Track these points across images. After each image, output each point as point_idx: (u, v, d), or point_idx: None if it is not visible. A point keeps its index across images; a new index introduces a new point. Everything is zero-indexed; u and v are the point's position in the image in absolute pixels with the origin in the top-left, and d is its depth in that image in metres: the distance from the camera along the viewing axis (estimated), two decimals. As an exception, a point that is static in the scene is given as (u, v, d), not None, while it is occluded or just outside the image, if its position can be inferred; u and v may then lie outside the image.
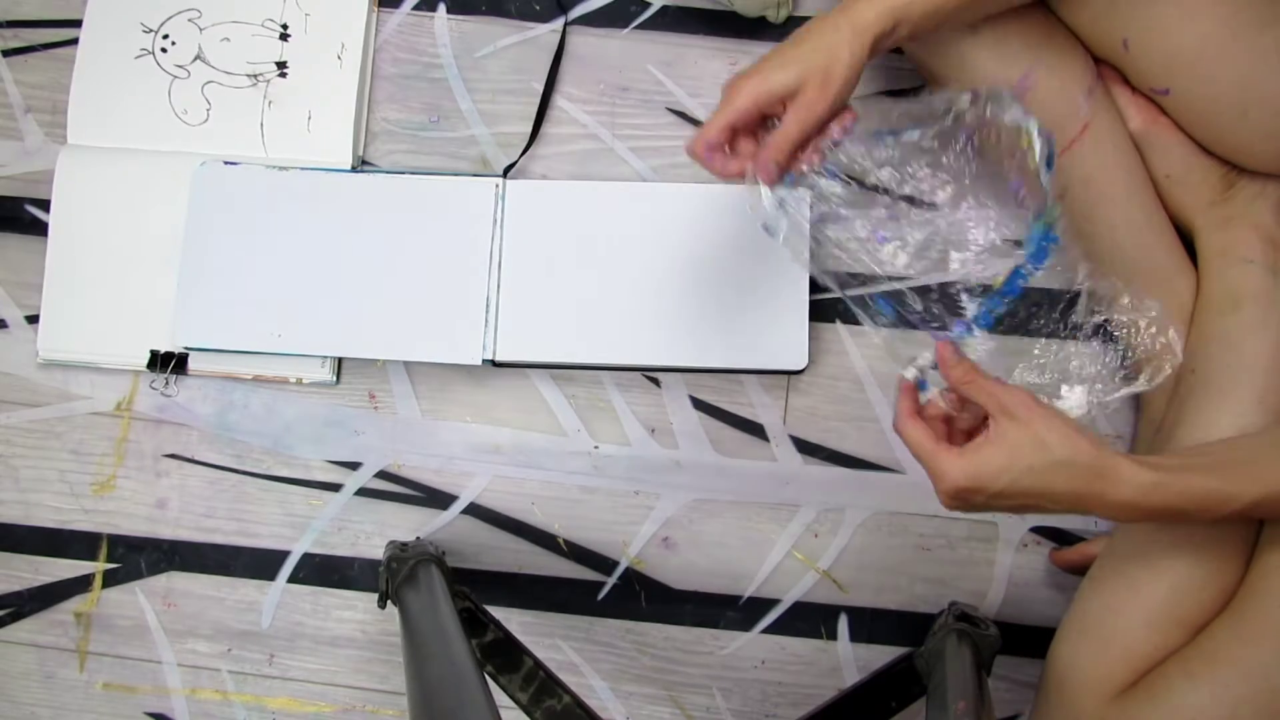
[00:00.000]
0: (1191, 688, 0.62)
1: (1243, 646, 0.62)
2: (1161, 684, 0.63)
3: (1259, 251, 0.71)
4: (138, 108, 0.81)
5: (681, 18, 0.83)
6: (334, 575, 0.80)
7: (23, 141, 0.83)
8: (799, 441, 0.80)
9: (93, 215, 0.80)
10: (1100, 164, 0.71)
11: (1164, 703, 0.62)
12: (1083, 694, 0.66)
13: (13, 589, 0.80)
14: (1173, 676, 0.63)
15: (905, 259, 0.69)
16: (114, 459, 0.81)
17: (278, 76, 0.82)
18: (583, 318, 0.77)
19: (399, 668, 0.79)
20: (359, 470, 0.80)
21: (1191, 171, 0.73)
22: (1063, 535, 0.79)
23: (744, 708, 0.79)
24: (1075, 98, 0.70)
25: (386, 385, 0.81)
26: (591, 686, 0.79)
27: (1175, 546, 0.67)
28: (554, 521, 0.80)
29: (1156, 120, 0.73)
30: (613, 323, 0.77)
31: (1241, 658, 0.62)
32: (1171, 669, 0.63)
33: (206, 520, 0.80)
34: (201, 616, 0.80)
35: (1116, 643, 0.66)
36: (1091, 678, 0.66)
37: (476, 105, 0.83)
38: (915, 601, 0.79)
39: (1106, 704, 0.65)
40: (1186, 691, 0.62)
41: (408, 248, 0.78)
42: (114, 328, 0.79)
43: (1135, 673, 0.65)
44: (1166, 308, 0.72)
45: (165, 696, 0.80)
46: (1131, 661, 0.65)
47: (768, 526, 0.80)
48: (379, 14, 0.84)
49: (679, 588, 0.80)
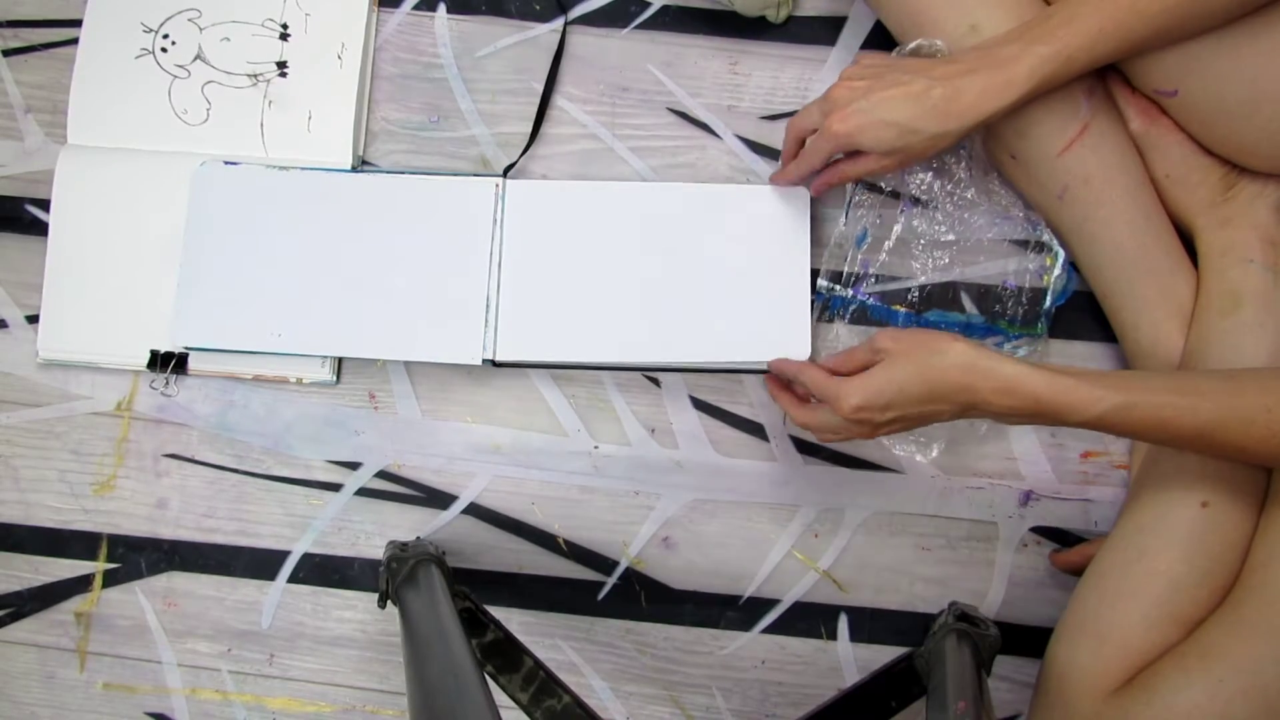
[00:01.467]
0: (1186, 684, 0.62)
1: (1238, 642, 0.62)
2: (1157, 680, 0.63)
3: (1259, 251, 0.71)
4: (138, 108, 0.81)
5: (681, 18, 0.83)
6: (334, 575, 0.80)
7: (23, 141, 0.83)
8: (799, 441, 0.80)
9: (93, 215, 0.80)
10: (1100, 164, 0.71)
11: (1159, 699, 0.62)
12: (1079, 691, 0.66)
13: (13, 589, 0.80)
14: (1168, 673, 0.63)
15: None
16: (114, 459, 0.81)
17: (278, 76, 0.82)
18: (583, 317, 0.77)
19: (399, 668, 0.79)
20: (359, 470, 0.81)
21: (1192, 172, 0.73)
22: (1063, 536, 0.79)
23: (744, 708, 0.79)
24: (1076, 98, 0.70)
25: (386, 385, 0.81)
26: (591, 686, 0.79)
27: (1172, 544, 0.67)
28: (554, 521, 0.80)
29: (1157, 121, 0.73)
30: (613, 322, 0.77)
31: (1236, 653, 0.62)
32: (1167, 665, 0.63)
33: (206, 520, 0.80)
34: (201, 616, 0.80)
35: (1113, 640, 0.66)
36: (1088, 675, 0.66)
37: (476, 105, 0.83)
38: (915, 601, 0.79)
39: (1102, 701, 0.65)
40: (1181, 687, 0.62)
41: (408, 248, 0.78)
42: (114, 328, 0.79)
43: (1132, 670, 0.65)
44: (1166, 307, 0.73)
45: (165, 696, 0.80)
46: (1128, 659, 0.65)
47: (768, 526, 0.80)
48: (379, 14, 0.84)
49: (679, 588, 0.80)
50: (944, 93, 0.64)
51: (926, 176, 0.79)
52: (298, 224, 0.78)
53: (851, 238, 0.79)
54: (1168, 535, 0.67)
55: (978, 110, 0.65)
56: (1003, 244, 0.79)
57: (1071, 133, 0.70)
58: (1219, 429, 0.59)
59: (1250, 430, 0.58)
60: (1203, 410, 0.59)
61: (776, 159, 0.80)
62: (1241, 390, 0.59)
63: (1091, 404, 0.59)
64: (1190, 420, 0.59)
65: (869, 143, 0.67)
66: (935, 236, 0.79)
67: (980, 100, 0.65)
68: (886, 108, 0.65)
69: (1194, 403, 0.59)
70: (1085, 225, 0.73)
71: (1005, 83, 0.64)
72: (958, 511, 0.79)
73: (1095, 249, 0.73)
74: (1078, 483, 0.79)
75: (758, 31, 0.82)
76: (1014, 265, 0.79)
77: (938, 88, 0.64)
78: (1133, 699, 0.63)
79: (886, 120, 0.65)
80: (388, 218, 0.78)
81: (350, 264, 0.78)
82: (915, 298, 0.79)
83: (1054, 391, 0.59)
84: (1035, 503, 0.79)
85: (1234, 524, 0.66)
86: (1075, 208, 0.72)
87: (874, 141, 0.66)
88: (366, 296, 0.77)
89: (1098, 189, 0.72)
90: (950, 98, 0.64)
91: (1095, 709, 0.65)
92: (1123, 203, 0.72)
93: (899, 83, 0.65)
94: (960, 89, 0.64)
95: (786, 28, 0.82)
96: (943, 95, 0.64)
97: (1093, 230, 0.73)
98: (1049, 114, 0.70)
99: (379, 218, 0.78)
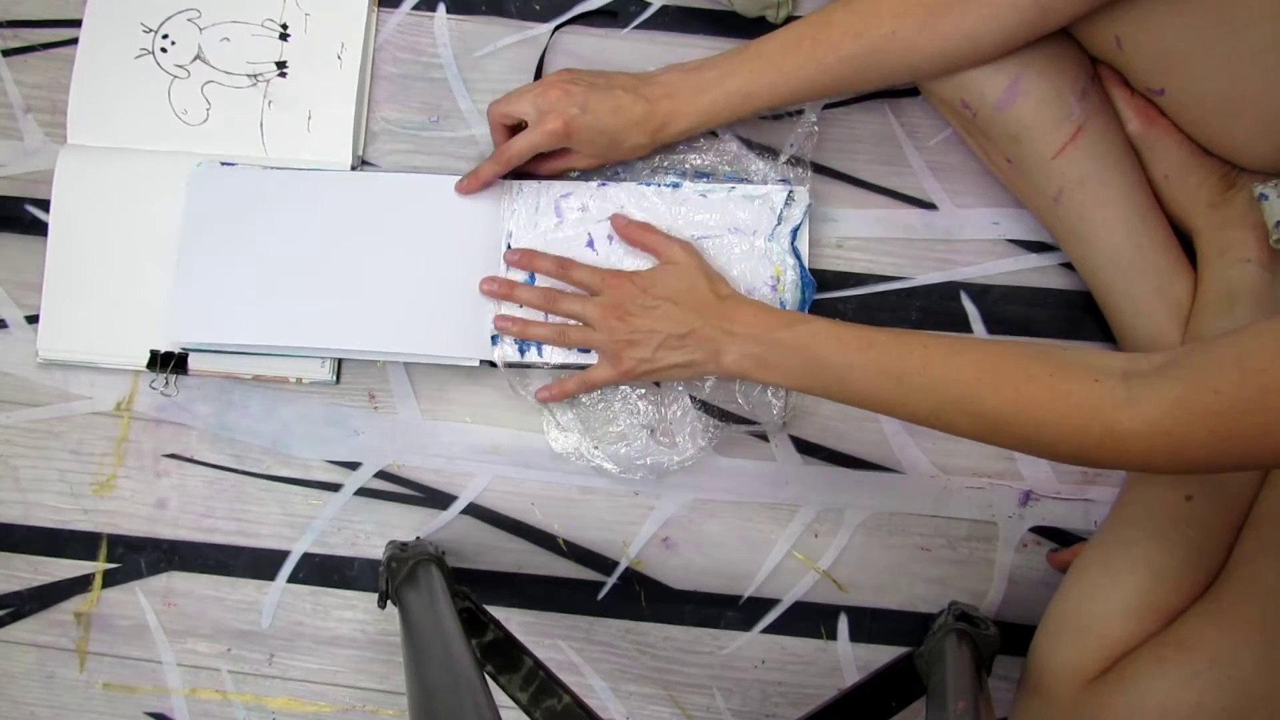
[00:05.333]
0: (1161, 673, 0.62)
1: (1216, 633, 0.62)
2: (1133, 669, 0.63)
3: (1256, 251, 0.71)
4: (137, 107, 0.81)
5: (681, 18, 0.83)
6: (334, 575, 0.80)
7: (23, 141, 0.83)
8: (799, 441, 0.80)
9: (92, 215, 0.80)
10: (1095, 166, 0.71)
11: (1133, 688, 0.62)
12: (1059, 682, 0.66)
13: (13, 589, 0.80)
14: (1145, 662, 0.63)
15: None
16: (114, 459, 0.81)
17: (278, 76, 0.82)
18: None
19: (399, 668, 0.79)
20: (359, 470, 0.81)
21: (1190, 173, 0.73)
22: (1063, 536, 0.79)
23: (744, 708, 0.79)
24: (1068, 101, 0.70)
25: (386, 385, 0.81)
26: (591, 686, 0.79)
27: (1154, 535, 0.67)
28: (554, 521, 0.80)
29: (1155, 122, 0.73)
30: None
31: (1213, 644, 0.62)
32: (1144, 655, 0.64)
33: (206, 520, 0.80)
34: (201, 616, 0.80)
35: (1094, 631, 0.66)
36: (1069, 666, 0.66)
37: (476, 105, 0.83)
38: (915, 601, 0.79)
39: (1081, 690, 0.65)
40: (1156, 676, 0.62)
41: (406, 247, 0.78)
42: (114, 328, 0.79)
43: (1112, 660, 0.65)
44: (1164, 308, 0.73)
45: (165, 696, 0.80)
46: (1109, 649, 0.65)
47: (768, 526, 0.80)
48: (379, 14, 0.84)
49: (679, 588, 0.80)
50: (646, 110, 0.72)
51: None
52: (293, 224, 0.78)
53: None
54: (1150, 527, 0.68)
55: (670, 130, 0.74)
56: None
57: (1065, 135, 0.71)
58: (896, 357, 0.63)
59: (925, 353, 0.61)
60: (877, 341, 0.64)
61: (777, 159, 0.80)
62: (909, 333, 0.64)
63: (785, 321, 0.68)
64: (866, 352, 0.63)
65: (581, 144, 0.74)
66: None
67: (672, 121, 0.73)
68: (599, 116, 0.72)
69: (873, 332, 0.65)
70: (1082, 227, 0.73)
71: (693, 110, 0.73)
72: (958, 511, 0.79)
73: (1092, 250, 0.74)
74: (1077, 483, 0.79)
75: (758, 32, 0.82)
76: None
77: (641, 105, 0.72)
78: (1109, 688, 0.64)
79: (598, 127, 0.72)
80: (386, 218, 0.78)
81: (349, 264, 0.77)
82: None
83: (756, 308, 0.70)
84: (1035, 503, 0.79)
85: (1217, 517, 0.67)
86: (1071, 210, 0.73)
87: (586, 144, 0.74)
88: (366, 297, 0.77)
89: (1093, 191, 0.72)
90: (650, 115, 0.73)
91: (1073, 699, 0.65)
92: (1119, 204, 0.72)
93: (611, 95, 0.72)
94: (659, 110, 0.73)
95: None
96: (645, 113, 0.72)
97: (1089, 232, 0.73)
98: (1041, 117, 0.70)
99: (377, 218, 0.78)
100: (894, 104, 0.82)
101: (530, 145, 0.74)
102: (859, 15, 0.69)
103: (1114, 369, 0.55)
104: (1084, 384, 0.55)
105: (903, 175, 0.82)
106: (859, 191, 0.82)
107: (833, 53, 0.70)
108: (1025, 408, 0.57)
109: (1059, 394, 0.55)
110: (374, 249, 0.78)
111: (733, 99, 0.72)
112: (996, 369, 0.58)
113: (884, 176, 0.82)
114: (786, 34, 0.71)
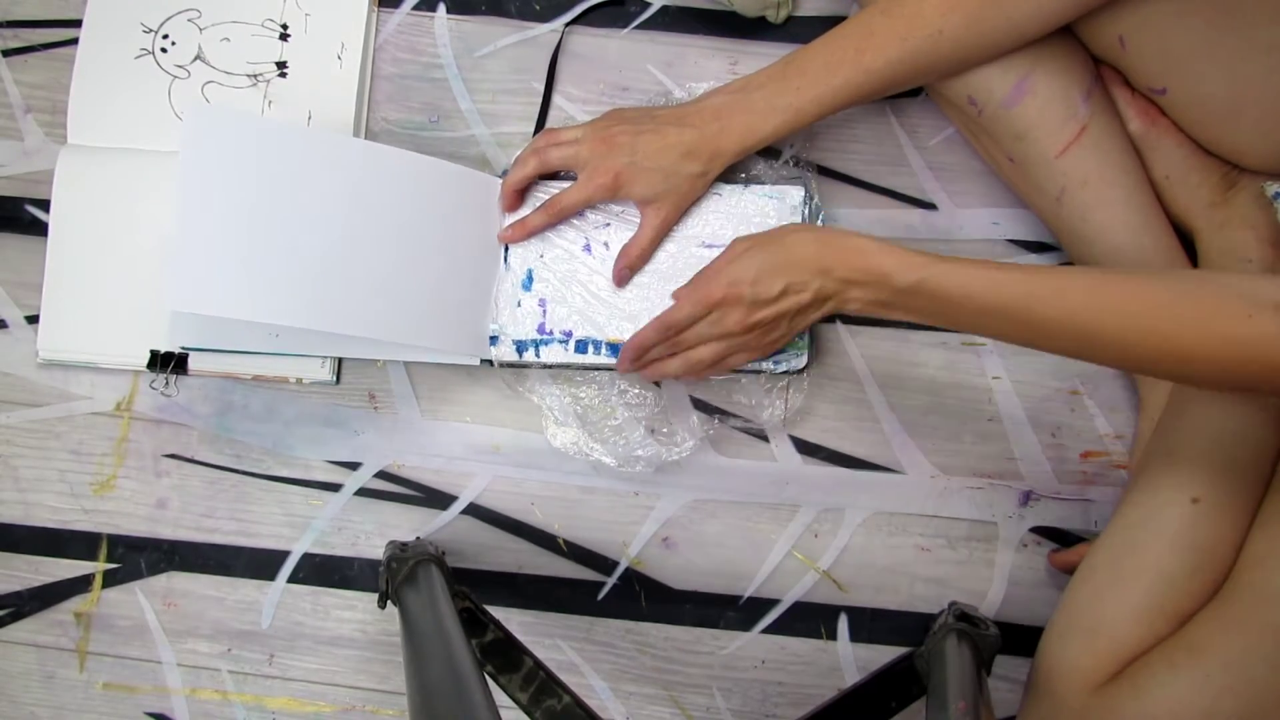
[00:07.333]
0: (1173, 678, 0.62)
1: (1227, 637, 0.62)
2: (1144, 674, 0.63)
3: (1257, 251, 0.71)
4: (138, 108, 0.81)
5: (681, 18, 0.83)
6: (334, 575, 0.80)
7: (23, 141, 0.83)
8: (799, 441, 0.80)
9: (93, 215, 0.80)
10: (1098, 166, 0.71)
11: (1146, 693, 0.62)
12: (1068, 685, 0.66)
13: (13, 589, 0.80)
14: (1156, 666, 0.63)
15: None
16: (114, 459, 0.81)
17: (278, 76, 0.82)
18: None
19: (399, 668, 0.79)
20: (359, 470, 0.81)
21: (1191, 173, 0.73)
22: (1063, 536, 0.79)
23: (744, 708, 0.79)
24: (1074, 100, 0.70)
25: (386, 385, 0.81)
26: (591, 686, 0.79)
27: (1162, 538, 0.67)
28: (554, 521, 0.80)
29: (1156, 122, 0.73)
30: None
31: (1225, 648, 0.61)
32: (1155, 660, 0.63)
33: (206, 520, 0.80)
34: (201, 616, 0.80)
35: (1103, 634, 0.66)
36: (1078, 669, 0.66)
37: (476, 105, 0.83)
38: (915, 601, 0.79)
39: (1090, 695, 0.65)
40: (1168, 682, 0.62)
41: (410, 232, 0.75)
42: (114, 328, 0.79)
43: (1121, 664, 0.65)
44: None
45: (165, 696, 0.80)
46: (1118, 653, 0.65)
47: (768, 526, 0.80)
48: (379, 14, 0.84)
49: (679, 588, 0.80)
50: (696, 137, 0.71)
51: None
52: (295, 190, 0.72)
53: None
54: (1158, 530, 0.67)
55: (725, 155, 0.72)
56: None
57: (1069, 135, 0.70)
58: (1031, 301, 0.59)
59: (1063, 300, 0.58)
60: (1008, 284, 0.59)
61: (778, 159, 0.80)
62: (1052, 271, 0.60)
63: (910, 268, 0.61)
64: (995, 296, 0.59)
65: (636, 191, 0.73)
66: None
67: (725, 145, 0.72)
68: (649, 157, 0.71)
69: (1004, 275, 0.60)
70: (1083, 227, 0.73)
71: (746, 130, 0.71)
72: (958, 511, 0.79)
73: (1094, 250, 0.73)
74: (1078, 483, 0.79)
75: (758, 32, 0.82)
76: None
77: (690, 132, 0.71)
78: (1120, 693, 0.63)
79: (650, 167, 0.71)
80: (388, 216, 0.75)
81: (350, 241, 0.73)
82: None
83: (882, 251, 0.63)
84: (1035, 503, 0.79)
85: (1226, 520, 0.66)
86: (1073, 210, 0.72)
87: (642, 187, 0.72)
88: (367, 280, 0.73)
89: (1096, 191, 0.72)
90: (701, 141, 0.71)
91: (1083, 703, 0.65)
92: (1121, 204, 0.72)
93: (659, 134, 0.71)
94: (709, 134, 0.71)
95: (786, 28, 0.82)
96: (695, 139, 0.71)
97: (1091, 232, 0.73)
98: (1047, 116, 0.70)
99: (380, 215, 0.75)
100: (894, 104, 0.82)
101: (583, 200, 0.74)
102: (903, 19, 0.68)
103: (1267, 300, 0.54)
104: (1238, 322, 0.54)
105: (903, 175, 0.82)
106: (859, 191, 0.82)
107: (880, 59, 0.68)
108: (1175, 352, 0.56)
109: (1212, 334, 0.55)
110: (376, 229, 0.74)
111: (784, 116, 0.70)
112: (1141, 315, 0.57)
113: (884, 176, 0.82)
114: (828, 47, 0.70)
